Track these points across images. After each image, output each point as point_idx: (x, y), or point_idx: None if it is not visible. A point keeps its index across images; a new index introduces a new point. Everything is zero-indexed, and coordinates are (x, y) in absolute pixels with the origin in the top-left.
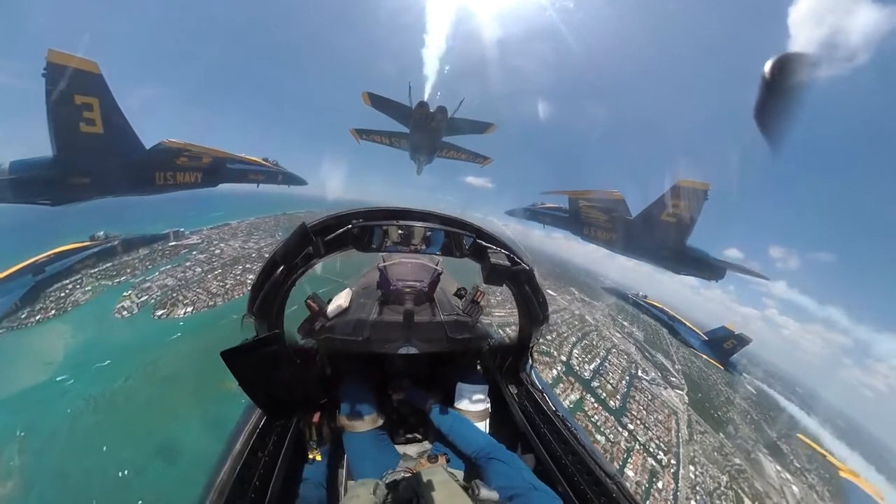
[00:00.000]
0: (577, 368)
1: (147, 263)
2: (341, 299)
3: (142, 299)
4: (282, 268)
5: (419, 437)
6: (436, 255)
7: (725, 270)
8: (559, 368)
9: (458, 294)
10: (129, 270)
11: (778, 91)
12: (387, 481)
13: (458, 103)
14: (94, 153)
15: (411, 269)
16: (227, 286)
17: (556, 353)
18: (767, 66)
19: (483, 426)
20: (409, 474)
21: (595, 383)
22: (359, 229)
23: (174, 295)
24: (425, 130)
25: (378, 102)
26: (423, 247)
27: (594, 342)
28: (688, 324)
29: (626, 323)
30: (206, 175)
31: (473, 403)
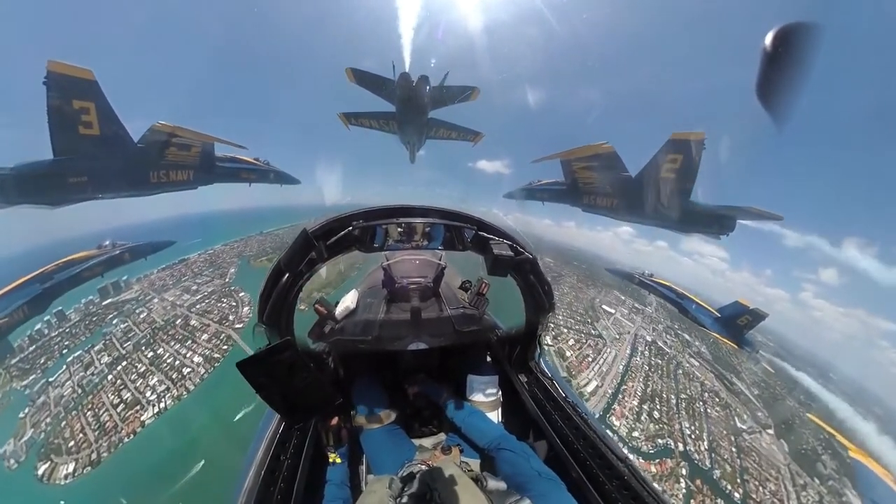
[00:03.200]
0: (697, 457)
1: (66, 342)
2: (348, 301)
3: (29, 435)
4: (287, 275)
5: (434, 429)
6: (438, 249)
7: (735, 220)
8: (685, 472)
9: (464, 287)
10: (41, 361)
11: (780, 64)
12: (401, 475)
13: (443, 76)
14: (91, 153)
15: (415, 265)
16: (121, 407)
17: (671, 440)
18: (768, 39)
19: (495, 416)
20: (424, 467)
21: (716, 471)
22: (360, 230)
23: (61, 428)
24: (411, 104)
25: (363, 79)
26: (425, 242)
27: (688, 389)
28: (697, 300)
29: (687, 336)
30: (197, 173)
31: (485, 394)
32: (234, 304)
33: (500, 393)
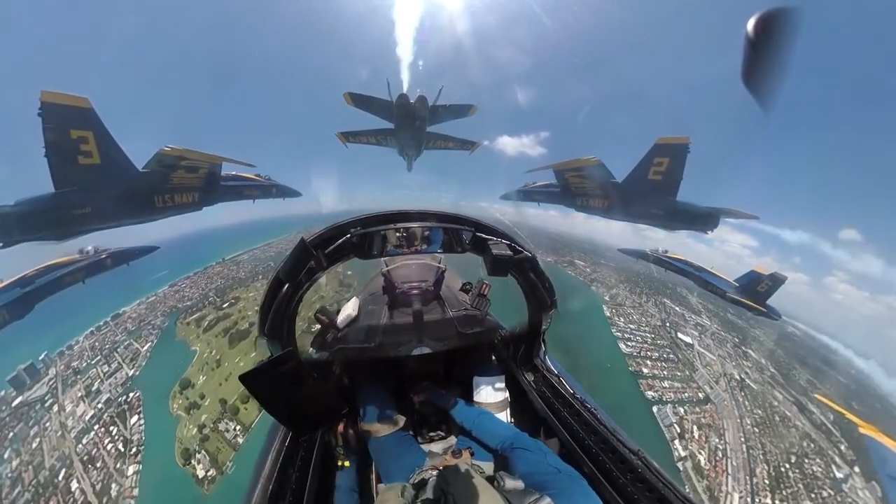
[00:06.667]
0: None
1: None
2: (350, 309)
3: None
4: (287, 286)
5: (443, 433)
6: (437, 253)
7: (718, 218)
8: None
9: (465, 289)
10: None
11: (763, 50)
12: (413, 482)
13: (437, 92)
14: (93, 183)
15: (415, 270)
16: None
17: None
18: (750, 25)
19: (504, 416)
20: (435, 472)
21: None
22: (358, 237)
23: None
24: (409, 123)
25: (360, 101)
26: (424, 246)
27: (794, 446)
28: (714, 272)
29: (752, 352)
30: (202, 194)
31: (492, 395)
32: (121, 445)
33: (508, 392)
